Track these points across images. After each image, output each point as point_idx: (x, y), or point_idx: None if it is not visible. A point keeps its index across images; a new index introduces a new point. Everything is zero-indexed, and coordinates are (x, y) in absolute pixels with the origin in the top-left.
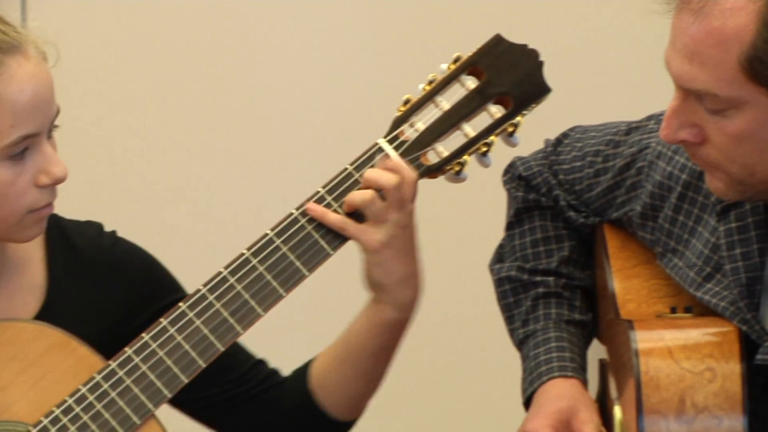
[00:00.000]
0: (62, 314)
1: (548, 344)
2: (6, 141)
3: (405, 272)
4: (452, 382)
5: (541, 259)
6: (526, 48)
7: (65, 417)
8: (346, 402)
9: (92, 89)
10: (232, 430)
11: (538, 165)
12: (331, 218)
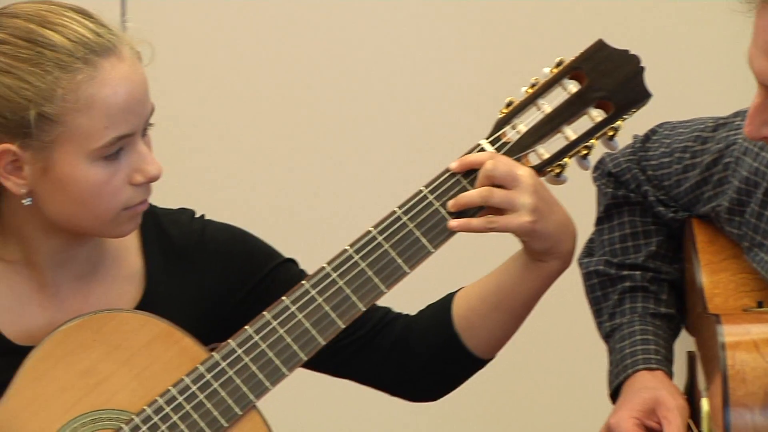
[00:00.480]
0: (161, 302)
1: (633, 337)
2: (100, 142)
3: (559, 230)
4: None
5: (629, 254)
6: (628, 53)
7: (168, 407)
8: (494, 342)
9: (189, 87)
10: (360, 372)
11: (627, 161)
12: (475, 226)
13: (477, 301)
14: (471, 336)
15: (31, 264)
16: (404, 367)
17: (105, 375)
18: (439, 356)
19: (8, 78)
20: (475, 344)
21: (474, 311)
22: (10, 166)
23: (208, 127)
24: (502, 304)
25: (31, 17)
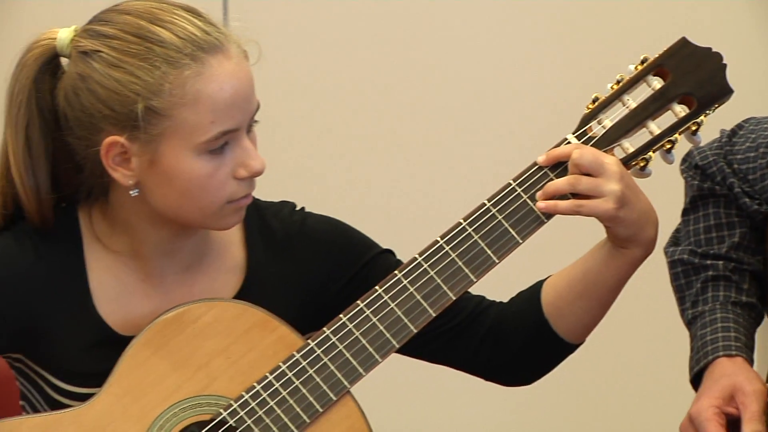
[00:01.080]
0: (261, 292)
1: (714, 325)
2: (206, 136)
3: (642, 218)
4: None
5: (712, 244)
6: (710, 51)
7: (265, 392)
8: (582, 328)
9: (293, 86)
10: (456, 359)
11: (713, 155)
12: (563, 205)
13: (564, 288)
14: (560, 322)
15: (137, 255)
16: (498, 354)
17: (204, 362)
18: (530, 343)
19: (118, 72)
20: (564, 330)
21: (562, 298)
22: (118, 158)
23: (309, 124)
24: (588, 290)
25: (141, 14)
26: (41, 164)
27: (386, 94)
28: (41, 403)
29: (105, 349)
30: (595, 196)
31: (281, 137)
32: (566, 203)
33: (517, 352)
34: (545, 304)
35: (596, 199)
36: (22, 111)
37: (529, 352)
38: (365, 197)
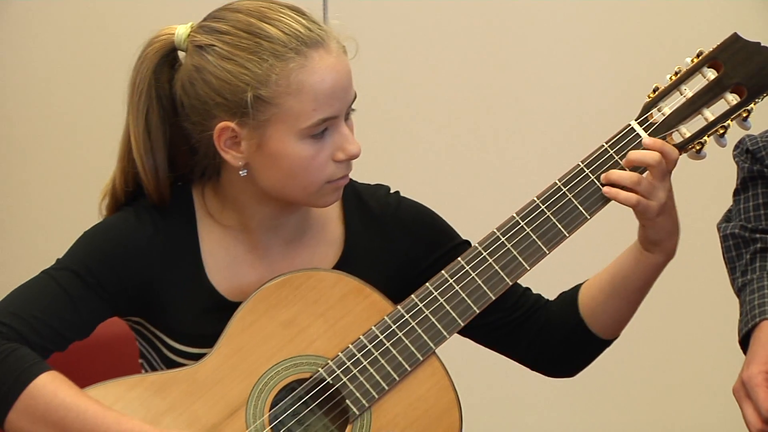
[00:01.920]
0: (356, 264)
1: (762, 291)
2: (308, 123)
3: (673, 228)
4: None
5: (761, 220)
6: (760, 45)
7: (359, 353)
8: (614, 325)
9: (386, 80)
10: (510, 348)
11: (763, 141)
12: (623, 198)
13: (596, 290)
14: (594, 321)
15: (245, 229)
16: (544, 349)
17: (304, 326)
18: (570, 340)
19: (230, 64)
20: (598, 328)
21: (595, 299)
22: (229, 142)
23: (403, 116)
24: (617, 291)
25: (251, 12)
26: (159, 147)
27: (463, 90)
28: (158, 361)
29: (215, 314)
30: (646, 197)
31: (377, 125)
32: (626, 194)
33: (558, 347)
34: (581, 305)
35: (648, 200)
36: (142, 99)
37: (569, 348)
38: (444, 186)
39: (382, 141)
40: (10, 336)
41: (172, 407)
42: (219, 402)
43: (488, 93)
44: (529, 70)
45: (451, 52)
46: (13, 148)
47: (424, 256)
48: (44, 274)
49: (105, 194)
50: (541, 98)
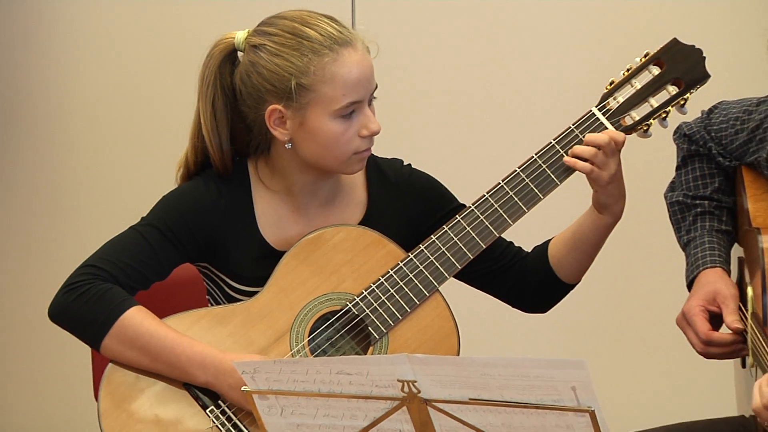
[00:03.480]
0: (377, 221)
1: (703, 246)
2: (339, 105)
3: (619, 195)
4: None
5: (699, 189)
6: (694, 47)
7: (379, 290)
8: (575, 272)
9: (401, 75)
10: (496, 290)
11: (697, 127)
12: (581, 166)
13: (561, 245)
14: (560, 269)
15: (289, 193)
16: (522, 291)
17: (334, 269)
18: (541, 284)
19: (278, 59)
20: (563, 275)
21: (560, 252)
22: (277, 121)
23: (415, 103)
24: (576, 246)
25: (294, 18)
26: (223, 126)
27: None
28: (221, 297)
29: (266, 260)
30: (599, 168)
31: (394, 110)
32: (582, 164)
33: (533, 290)
34: (550, 256)
35: (600, 170)
36: (210, 89)
37: (541, 290)
38: (452, 160)
39: (397, 123)
40: (105, 278)
41: (232, 334)
42: (268, 329)
43: (481, 89)
44: (515, 70)
45: (451, 56)
46: (105, 134)
47: (430, 214)
48: (131, 229)
49: (180, 166)
50: (524, 91)
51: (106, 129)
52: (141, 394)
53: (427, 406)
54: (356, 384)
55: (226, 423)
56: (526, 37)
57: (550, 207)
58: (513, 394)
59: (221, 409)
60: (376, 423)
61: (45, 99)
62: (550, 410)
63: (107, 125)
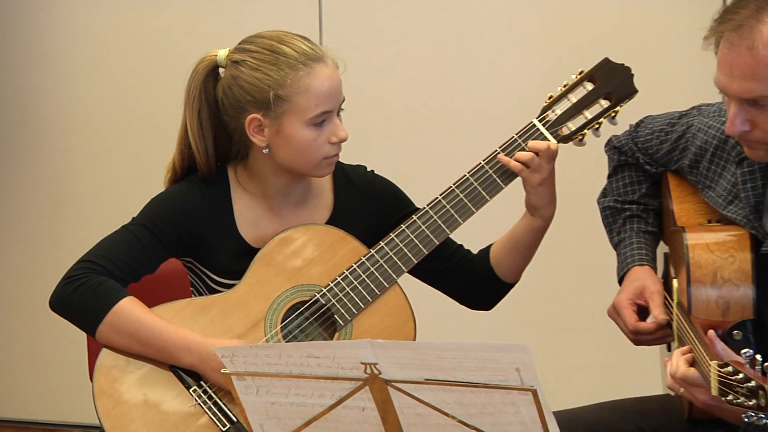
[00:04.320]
0: (342, 220)
1: (632, 245)
2: (312, 114)
3: (550, 200)
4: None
5: (628, 194)
6: (623, 65)
7: (343, 282)
8: (512, 272)
9: (365, 89)
10: (446, 287)
11: (625, 139)
12: (513, 165)
13: (500, 247)
14: (499, 269)
15: (265, 195)
16: (467, 289)
17: (304, 264)
18: (484, 283)
19: (257, 73)
20: (502, 274)
21: (499, 254)
22: (256, 129)
23: (378, 114)
24: (513, 248)
25: (272, 37)
26: (207, 134)
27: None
28: (203, 289)
29: (243, 256)
30: (533, 171)
31: (359, 120)
32: (515, 163)
33: (476, 288)
34: (491, 258)
35: (531, 173)
36: (195, 101)
37: (484, 289)
38: (410, 166)
39: (362, 132)
40: (100, 272)
41: (212, 322)
42: (245, 318)
43: (437, 103)
44: (467, 87)
45: (410, 72)
46: (99, 141)
47: (390, 215)
48: (123, 228)
49: (168, 170)
50: (474, 105)
51: (102, 140)
52: (131, 376)
53: (387, 386)
54: (324, 366)
55: (207, 401)
56: (477, 59)
57: (497, 212)
58: (464, 374)
59: (203, 389)
60: (341, 401)
61: (47, 110)
62: (497, 389)
63: (103, 136)
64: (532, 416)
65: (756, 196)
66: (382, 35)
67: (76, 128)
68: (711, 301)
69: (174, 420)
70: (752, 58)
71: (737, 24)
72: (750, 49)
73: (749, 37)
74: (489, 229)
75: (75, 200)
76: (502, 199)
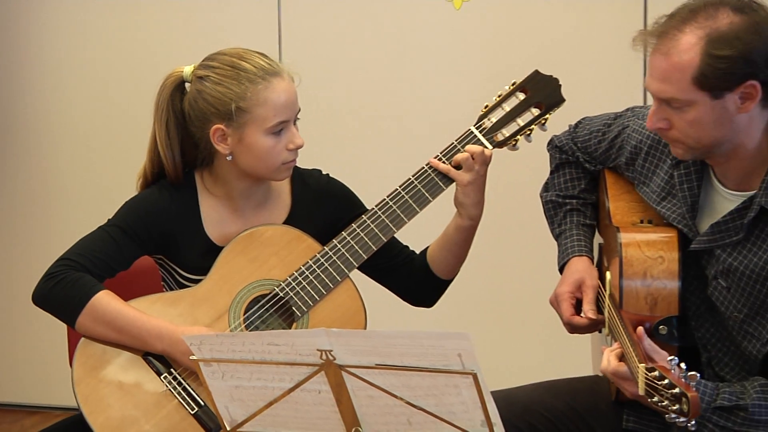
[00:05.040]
0: (299, 220)
1: (572, 237)
2: (270, 124)
3: (478, 199)
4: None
5: (569, 190)
6: (552, 77)
7: (300, 277)
8: (447, 270)
9: (318, 100)
10: (390, 283)
11: (566, 139)
12: (443, 167)
13: (435, 246)
14: (435, 267)
15: (229, 197)
16: (408, 286)
17: (264, 260)
18: (423, 280)
19: (220, 87)
20: (437, 270)
21: (434, 252)
22: (220, 138)
23: (330, 123)
24: (445, 247)
25: (233, 54)
26: (175, 143)
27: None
28: (173, 284)
29: (209, 253)
30: (464, 170)
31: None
32: (445, 166)
33: (417, 285)
34: (428, 257)
35: (463, 172)
36: (163, 113)
37: (423, 286)
38: (360, 170)
39: (317, 139)
40: (78, 268)
41: (181, 314)
42: (211, 310)
43: (386, 113)
44: (412, 98)
45: (361, 86)
46: (82, 150)
47: (342, 215)
48: (99, 229)
49: (139, 177)
50: (418, 114)
51: (84, 149)
52: (107, 364)
53: (341, 371)
54: (283, 353)
55: (177, 387)
56: (422, 74)
57: (441, 215)
58: (411, 360)
59: (173, 375)
60: (299, 385)
61: (37, 120)
62: (441, 373)
63: (85, 146)
64: (473, 397)
65: (692, 196)
66: (337, 52)
67: (63, 137)
68: (640, 297)
69: (147, 404)
70: (667, 62)
71: (662, 31)
72: (666, 54)
73: (667, 44)
74: (434, 230)
75: (55, 203)
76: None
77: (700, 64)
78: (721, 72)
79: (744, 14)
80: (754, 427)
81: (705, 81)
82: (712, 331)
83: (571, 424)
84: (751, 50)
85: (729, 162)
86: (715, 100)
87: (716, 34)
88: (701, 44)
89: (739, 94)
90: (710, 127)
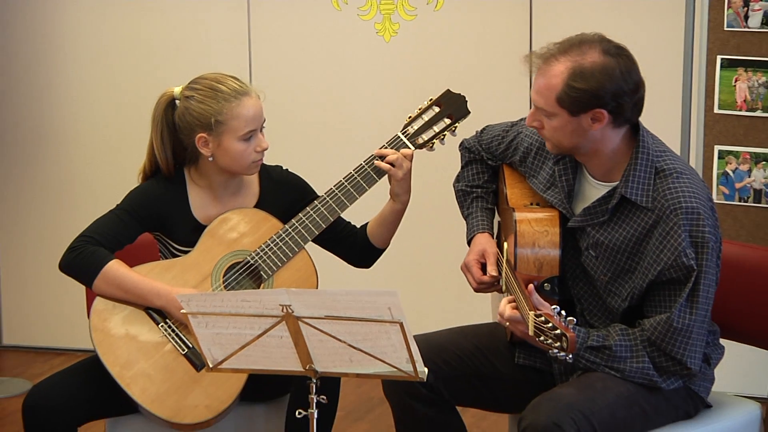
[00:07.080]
0: (266, 205)
1: (477, 218)
2: (242, 132)
3: (407, 188)
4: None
5: (475, 181)
6: (460, 94)
7: (266, 248)
8: (381, 240)
9: (280, 112)
10: (337, 251)
11: (473, 141)
12: (383, 166)
13: (373, 222)
14: (373, 238)
15: (211, 188)
16: (352, 253)
17: (239, 236)
18: (363, 248)
19: (203, 105)
20: (375, 242)
21: (372, 228)
22: (203, 144)
23: (288, 130)
24: (381, 223)
25: (212, 78)
26: (168, 147)
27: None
28: (167, 254)
29: (196, 231)
30: (396, 168)
31: (277, 135)
32: (386, 165)
33: (359, 252)
34: (368, 230)
35: (396, 169)
36: (158, 124)
37: (363, 252)
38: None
39: (279, 142)
40: (93, 243)
41: (174, 277)
42: (197, 274)
43: (334, 122)
44: (356, 109)
45: (314, 101)
46: (96, 150)
47: (299, 200)
48: (110, 212)
49: (140, 172)
50: (359, 122)
51: (99, 151)
52: (116, 317)
53: (298, 321)
54: (253, 307)
55: (171, 333)
56: (361, 91)
57: (375, 200)
58: (352, 312)
59: (168, 325)
60: (265, 332)
61: (59, 122)
62: (375, 322)
63: (99, 148)
64: (400, 340)
65: (569, 186)
66: (298, 76)
67: (85, 140)
68: (530, 262)
69: (148, 347)
70: (542, 80)
71: (547, 56)
72: (543, 75)
73: (545, 67)
74: (370, 211)
75: (78, 191)
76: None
77: (561, 89)
78: (574, 99)
79: (609, 57)
80: (617, 361)
81: (563, 102)
82: (584, 289)
83: (476, 360)
84: (599, 88)
85: (592, 160)
86: (572, 116)
87: (579, 68)
88: (566, 74)
89: (590, 117)
90: (569, 135)
